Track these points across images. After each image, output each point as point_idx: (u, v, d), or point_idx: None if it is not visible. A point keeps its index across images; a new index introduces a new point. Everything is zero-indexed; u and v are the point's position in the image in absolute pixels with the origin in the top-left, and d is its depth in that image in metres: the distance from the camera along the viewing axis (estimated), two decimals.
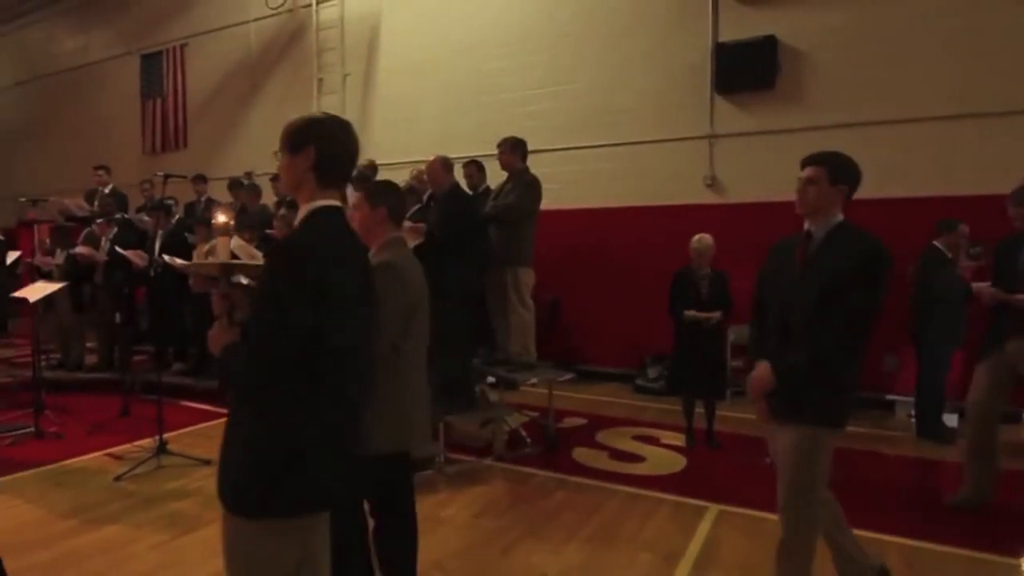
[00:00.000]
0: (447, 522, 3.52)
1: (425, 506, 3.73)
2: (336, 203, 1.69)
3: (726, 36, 6.37)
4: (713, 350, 4.78)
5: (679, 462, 4.44)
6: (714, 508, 3.63)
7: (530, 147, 5.46)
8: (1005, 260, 3.56)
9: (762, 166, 6.25)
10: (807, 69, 6.08)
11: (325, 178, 1.67)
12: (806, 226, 2.35)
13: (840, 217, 2.30)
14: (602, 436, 5.00)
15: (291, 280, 1.51)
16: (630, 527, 3.42)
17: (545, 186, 5.33)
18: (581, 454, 4.58)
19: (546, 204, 5.41)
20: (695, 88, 6.52)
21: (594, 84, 7.05)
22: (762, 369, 2.29)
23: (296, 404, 1.53)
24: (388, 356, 2.20)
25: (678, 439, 4.85)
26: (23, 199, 8.01)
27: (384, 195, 2.41)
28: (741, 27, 6.29)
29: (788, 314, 2.30)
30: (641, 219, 6.76)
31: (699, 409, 4.82)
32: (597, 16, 7.02)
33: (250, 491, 1.52)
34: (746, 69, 6.22)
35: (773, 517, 3.47)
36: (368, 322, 1.71)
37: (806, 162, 2.40)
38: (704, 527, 3.41)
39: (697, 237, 4.71)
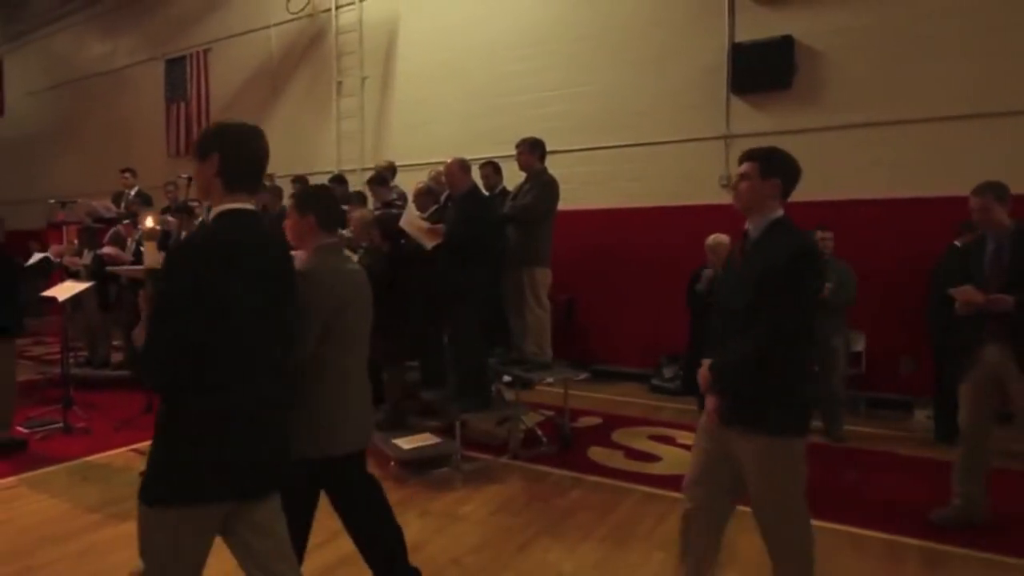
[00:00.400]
0: (464, 519, 3.52)
1: (443, 503, 3.76)
2: (245, 206, 1.75)
3: (742, 36, 6.31)
4: None
5: None
6: None
7: (547, 148, 5.46)
8: (973, 262, 3.33)
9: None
10: (824, 69, 6.01)
11: (231, 183, 1.74)
12: (746, 224, 2.33)
13: (778, 213, 2.28)
14: (617, 435, 4.97)
15: (177, 281, 1.60)
16: (645, 526, 3.40)
17: (562, 186, 5.32)
18: (597, 453, 4.56)
19: (563, 204, 5.40)
20: (711, 89, 6.47)
21: (611, 85, 7.02)
22: (704, 367, 2.29)
23: (196, 399, 1.63)
24: (308, 361, 2.21)
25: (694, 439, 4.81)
26: (52, 201, 8.18)
27: (312, 203, 2.41)
28: (758, 27, 6.22)
29: (726, 312, 2.29)
30: (657, 219, 6.72)
31: None
32: (613, 18, 7.00)
33: (156, 481, 1.64)
34: (762, 69, 6.16)
35: None
36: (273, 322, 1.77)
37: (741, 158, 2.39)
38: None
39: (713, 237, 4.68)
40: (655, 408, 5.86)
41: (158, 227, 3.43)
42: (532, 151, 5.09)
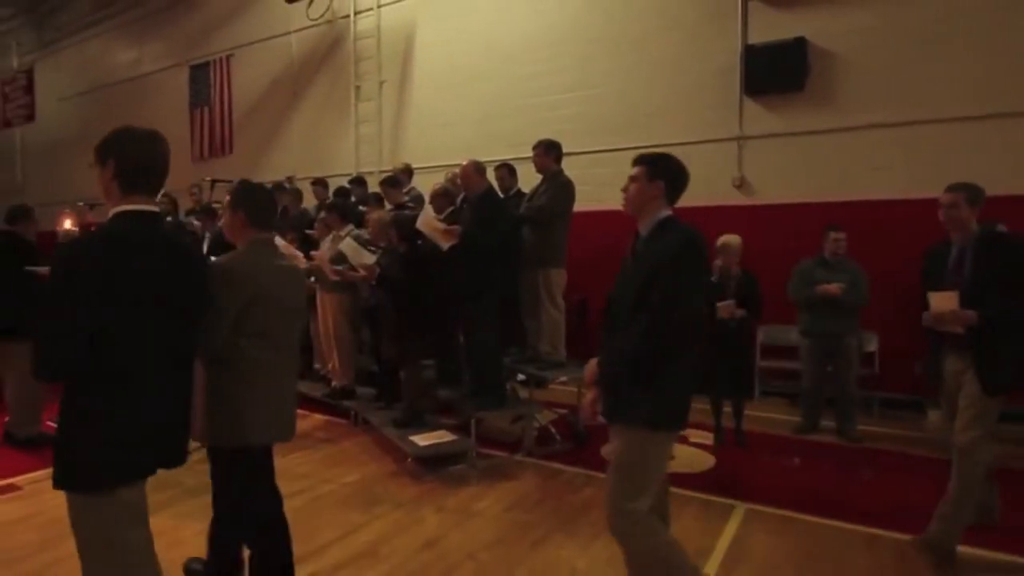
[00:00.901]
0: (479, 515, 3.53)
1: (458, 499, 3.77)
2: (141, 207, 1.84)
3: (755, 38, 6.25)
4: (742, 350, 4.71)
5: (707, 460, 4.38)
6: (742, 506, 3.57)
7: (562, 150, 5.45)
8: (934, 269, 3.17)
9: (791, 167, 6.13)
10: (837, 70, 5.94)
11: (128, 186, 1.82)
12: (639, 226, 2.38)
13: (664, 213, 2.34)
14: None
15: (63, 279, 1.67)
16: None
17: (577, 188, 5.31)
18: (610, 451, 4.54)
19: (578, 206, 5.39)
20: (724, 90, 6.42)
21: (624, 88, 6.99)
22: (591, 363, 2.35)
23: (89, 388, 1.72)
24: (223, 350, 2.25)
25: (706, 438, 4.78)
26: (81, 203, 8.32)
27: (243, 200, 2.44)
28: (770, 29, 6.16)
29: (615, 309, 2.36)
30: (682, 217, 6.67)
31: (727, 408, 4.75)
32: (627, 21, 6.96)
33: (67, 467, 1.76)
34: (775, 71, 6.09)
35: (801, 516, 3.43)
36: (166, 314, 1.85)
37: (633, 163, 2.43)
38: (732, 525, 3.36)
39: (723, 238, 4.64)
40: None
41: (74, 229, 3.56)
42: (548, 153, 5.09)
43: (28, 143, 14.20)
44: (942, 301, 2.98)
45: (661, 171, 2.36)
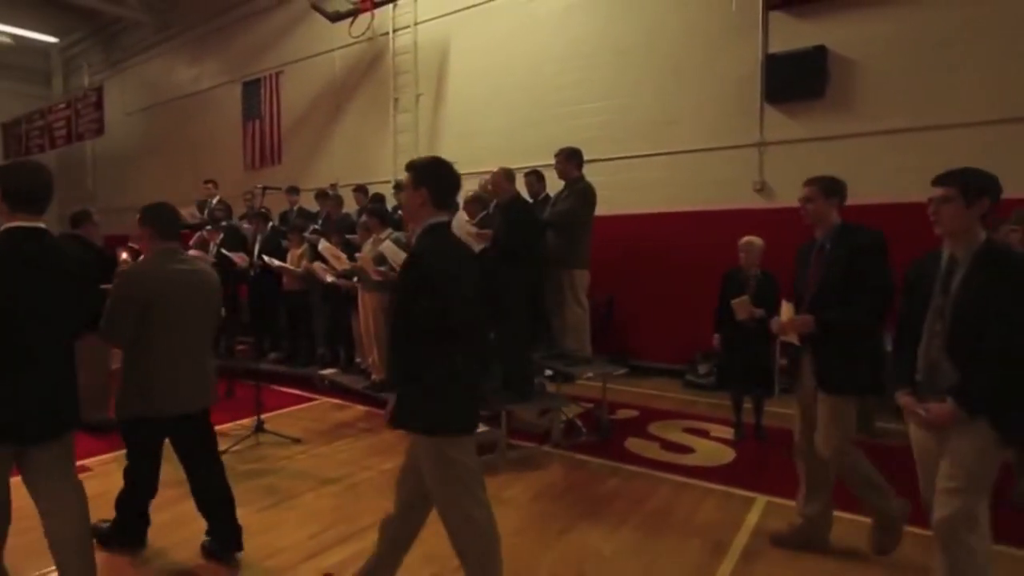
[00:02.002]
0: (508, 503, 3.53)
1: (489, 486, 3.70)
2: (26, 224, 2.18)
3: (776, 47, 6.13)
4: (762, 348, 4.61)
5: (728, 454, 4.31)
6: (762, 499, 3.51)
7: (588, 157, 5.42)
8: (801, 264, 2.94)
9: (811, 171, 5.93)
10: (857, 77, 5.79)
11: (14, 207, 2.18)
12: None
13: (433, 220, 2.23)
14: (654, 428, 4.90)
15: None
16: (680, 514, 3.34)
17: (601, 193, 5.28)
18: (634, 444, 4.51)
19: (602, 210, 5.36)
20: (745, 98, 6.31)
21: (648, 96, 6.93)
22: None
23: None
24: (136, 339, 2.62)
25: (727, 432, 4.71)
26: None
27: (150, 217, 2.79)
28: (791, 38, 6.04)
29: None
30: (692, 223, 6.59)
31: (747, 404, 4.66)
32: (650, 32, 6.90)
33: None
34: (796, 79, 5.96)
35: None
36: (51, 311, 2.19)
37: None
38: (752, 517, 3.30)
39: (746, 239, 4.56)
40: (689, 402, 5.75)
41: (131, 259, 4.11)
42: (569, 160, 5.07)
43: (98, 154, 14.70)
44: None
45: (423, 179, 2.22)
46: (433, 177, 2.24)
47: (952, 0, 5.37)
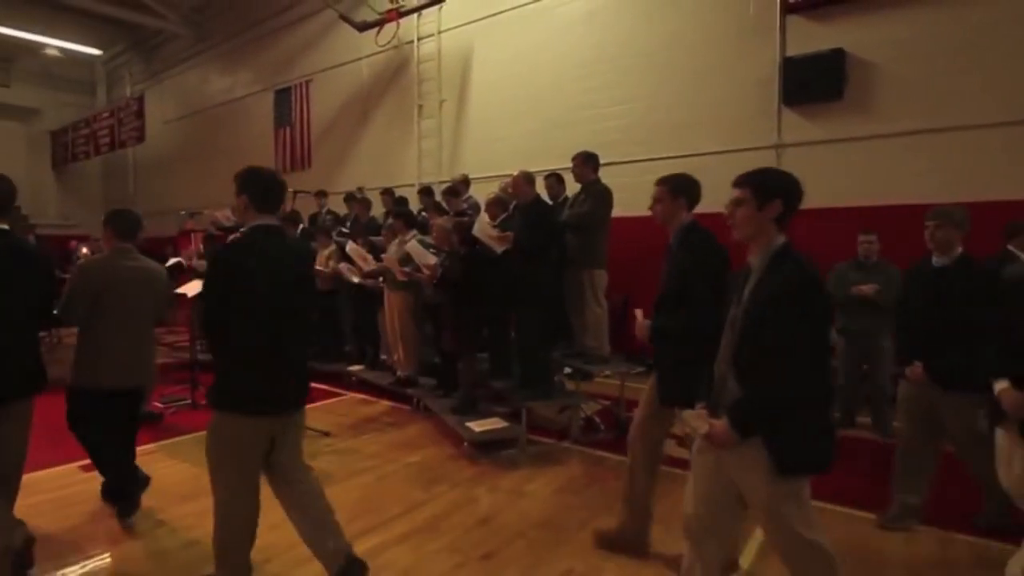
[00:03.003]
0: (529, 496, 3.54)
1: (510, 480, 3.78)
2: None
3: (794, 50, 6.03)
4: None
5: None
6: None
7: (608, 160, 5.40)
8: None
9: (828, 173, 5.88)
10: (875, 79, 5.66)
11: None
12: None
13: (259, 220, 2.45)
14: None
15: None
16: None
17: (622, 195, 5.24)
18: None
19: (622, 211, 5.32)
20: (763, 101, 6.22)
21: (668, 100, 6.87)
22: None
23: None
24: (85, 321, 3.05)
25: None
26: (183, 212, 8.76)
27: (112, 220, 3.23)
28: (808, 41, 5.93)
29: None
30: (709, 224, 6.49)
31: None
32: (671, 38, 6.84)
33: None
34: (814, 81, 5.86)
35: (832, 507, 3.29)
36: (8, 301, 2.55)
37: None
38: None
39: None
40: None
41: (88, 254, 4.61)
42: (586, 163, 5.05)
43: (139, 160, 15.05)
44: (638, 314, 2.77)
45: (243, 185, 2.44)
46: (251, 184, 2.44)
47: (969, 2, 5.23)
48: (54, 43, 13.80)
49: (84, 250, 4.77)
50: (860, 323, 4.61)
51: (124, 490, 3.21)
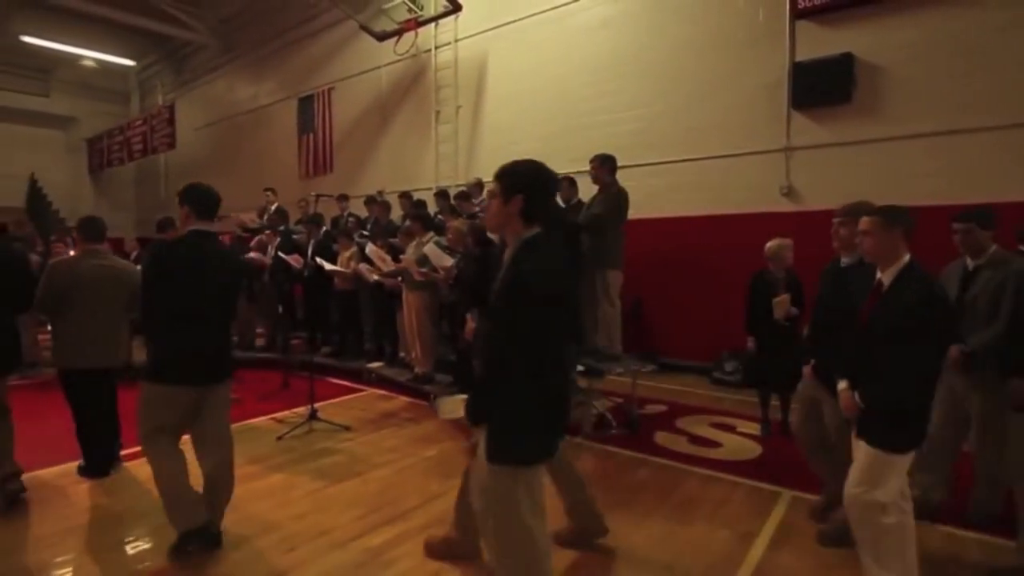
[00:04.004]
0: None
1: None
2: None
3: (803, 55, 5.96)
4: (790, 347, 4.49)
5: (754, 449, 4.21)
6: (787, 493, 3.42)
7: (621, 163, 5.37)
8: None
9: (837, 175, 5.80)
10: (884, 83, 5.58)
11: None
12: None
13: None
14: (681, 422, 4.83)
15: None
16: (708, 506, 3.28)
17: (633, 198, 5.22)
18: (662, 437, 4.45)
19: (635, 213, 5.30)
20: (773, 105, 6.15)
21: (677, 104, 6.82)
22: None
23: None
24: (53, 312, 3.50)
25: (753, 428, 4.60)
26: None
27: (82, 225, 3.69)
28: (818, 45, 5.86)
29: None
30: (720, 226, 6.46)
31: (774, 401, 4.55)
32: (680, 42, 6.79)
33: None
34: (823, 85, 5.79)
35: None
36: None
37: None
38: (778, 510, 3.22)
39: (773, 241, 4.44)
40: (717, 399, 5.64)
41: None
42: (603, 165, 5.04)
43: (170, 166, 15.30)
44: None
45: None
46: (191, 197, 2.80)
47: (978, 5, 5.13)
48: (91, 55, 14.09)
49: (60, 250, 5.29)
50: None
51: (99, 462, 3.67)
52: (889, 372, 2.16)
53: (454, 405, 2.05)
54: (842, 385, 2.43)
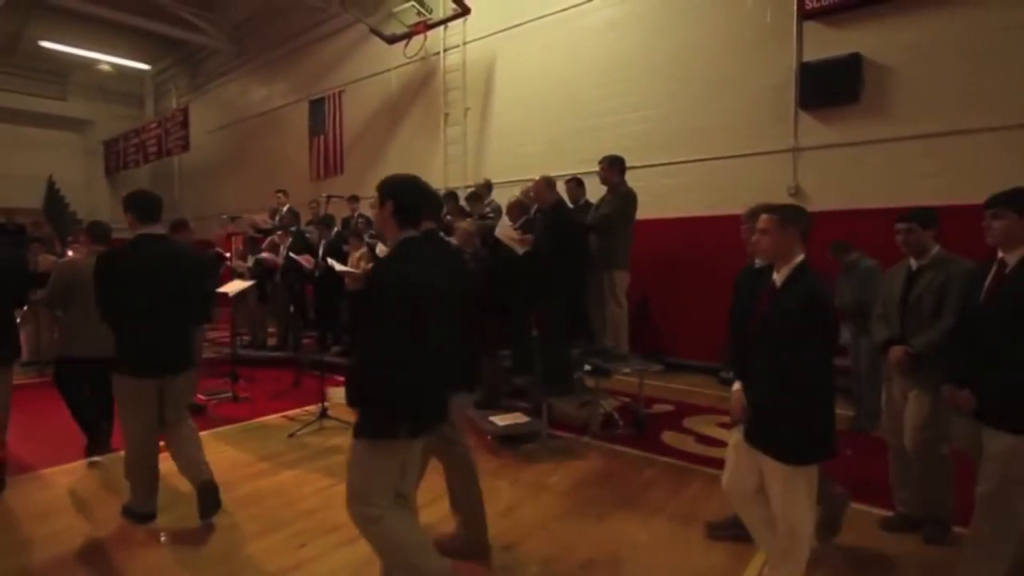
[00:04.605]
0: (550, 489, 3.52)
1: (531, 473, 3.77)
2: None
3: (810, 56, 5.90)
4: None
5: None
6: None
7: (629, 164, 5.34)
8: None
9: (845, 175, 5.75)
10: (892, 83, 5.51)
11: None
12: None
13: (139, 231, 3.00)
14: (688, 422, 4.80)
15: None
16: (714, 505, 3.26)
17: (641, 198, 5.19)
18: (669, 437, 4.43)
19: (643, 214, 5.27)
20: (780, 106, 6.10)
21: (686, 105, 6.78)
22: None
23: None
24: (62, 306, 3.89)
25: None
26: (224, 216, 8.93)
27: (89, 228, 3.98)
28: (825, 46, 5.80)
29: None
30: (727, 226, 6.40)
31: None
32: (687, 44, 6.75)
33: None
34: (830, 85, 5.73)
35: (855, 506, 3.20)
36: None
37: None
38: None
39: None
40: (724, 398, 5.58)
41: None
42: (612, 167, 5.02)
43: (184, 168, 15.41)
44: None
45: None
46: (134, 203, 3.06)
47: (985, 5, 5.06)
48: (107, 59, 14.23)
49: (69, 252, 5.47)
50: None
51: (93, 436, 3.98)
52: (771, 374, 2.12)
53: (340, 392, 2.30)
54: (736, 387, 2.40)
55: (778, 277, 2.26)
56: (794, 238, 2.22)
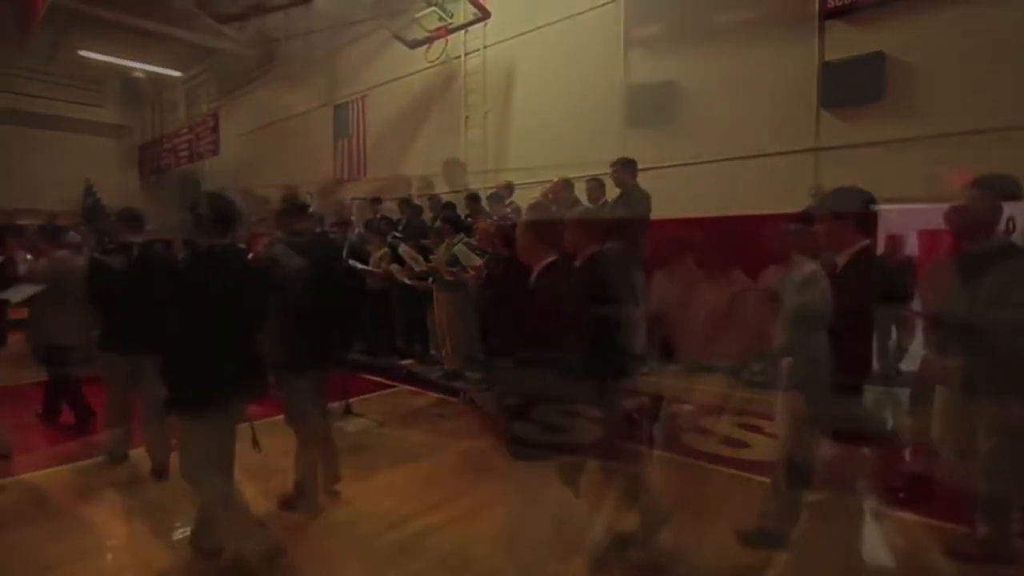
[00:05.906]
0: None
1: (552, 470, 3.75)
2: None
3: (832, 55, 5.80)
4: None
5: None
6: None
7: (647, 164, 5.30)
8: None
9: (867, 174, 5.62)
10: (916, 81, 5.38)
11: None
12: None
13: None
14: (709, 422, 4.75)
15: None
16: (735, 504, 3.23)
17: (660, 198, 5.15)
18: (687, 436, 4.38)
19: (660, 214, 5.23)
20: (801, 105, 6.00)
21: (704, 104, 6.71)
22: None
23: None
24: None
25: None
26: (252, 218, 9.09)
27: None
28: (848, 45, 5.69)
29: None
30: (746, 226, 6.32)
31: None
32: (706, 44, 6.67)
33: None
34: (853, 85, 5.62)
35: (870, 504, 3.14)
36: None
37: None
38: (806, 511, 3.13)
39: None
40: (744, 399, 5.52)
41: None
42: (624, 168, 5.01)
43: (214, 171, 15.72)
44: None
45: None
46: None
47: (1010, 1, 4.91)
48: (141, 67, 14.60)
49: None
50: None
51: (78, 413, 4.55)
52: None
53: None
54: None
55: None
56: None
